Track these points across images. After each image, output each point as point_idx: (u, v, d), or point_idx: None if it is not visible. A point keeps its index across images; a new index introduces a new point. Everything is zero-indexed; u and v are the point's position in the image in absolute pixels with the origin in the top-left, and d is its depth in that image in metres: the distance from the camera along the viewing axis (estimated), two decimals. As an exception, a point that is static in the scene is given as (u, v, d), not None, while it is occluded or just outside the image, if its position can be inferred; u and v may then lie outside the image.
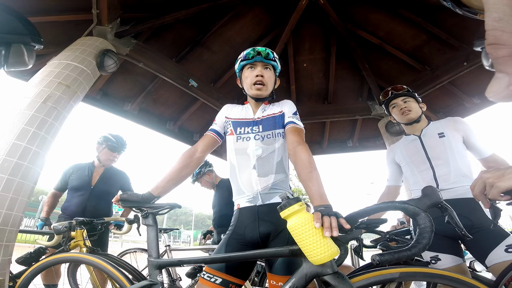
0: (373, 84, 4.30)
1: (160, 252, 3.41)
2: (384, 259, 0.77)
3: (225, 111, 1.46)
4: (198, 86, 3.87)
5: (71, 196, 2.66)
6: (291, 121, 1.29)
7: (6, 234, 1.91)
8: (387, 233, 1.72)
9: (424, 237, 0.75)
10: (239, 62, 1.40)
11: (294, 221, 0.84)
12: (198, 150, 1.37)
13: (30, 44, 0.78)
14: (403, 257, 0.76)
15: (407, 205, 0.81)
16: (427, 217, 0.77)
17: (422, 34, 3.74)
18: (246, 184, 1.24)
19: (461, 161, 1.57)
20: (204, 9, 3.45)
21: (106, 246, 2.68)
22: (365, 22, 3.93)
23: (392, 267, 0.89)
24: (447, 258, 1.46)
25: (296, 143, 1.17)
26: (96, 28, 2.85)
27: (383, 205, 0.86)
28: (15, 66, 0.76)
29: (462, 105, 4.22)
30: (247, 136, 1.31)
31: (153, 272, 1.14)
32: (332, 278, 0.83)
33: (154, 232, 1.22)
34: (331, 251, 0.79)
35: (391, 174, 1.91)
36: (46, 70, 2.45)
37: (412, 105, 1.77)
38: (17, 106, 2.20)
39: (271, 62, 1.37)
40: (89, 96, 3.70)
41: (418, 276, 0.90)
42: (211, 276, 1.11)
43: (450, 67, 3.62)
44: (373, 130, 5.08)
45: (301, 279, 0.86)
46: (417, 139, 1.74)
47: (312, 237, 0.80)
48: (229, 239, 1.20)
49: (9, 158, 2.01)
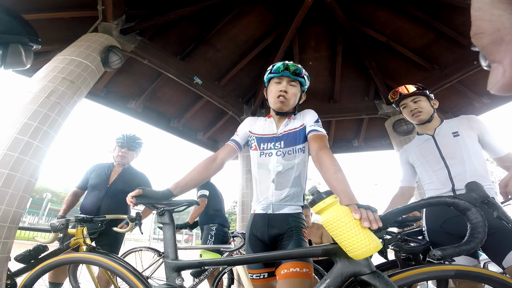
0: (380, 82, 4.24)
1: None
2: (446, 253, 0.75)
3: (249, 125, 1.51)
4: (203, 83, 3.86)
5: (88, 194, 2.69)
6: (313, 129, 1.33)
7: (5, 230, 1.87)
8: (398, 234, 1.68)
9: (479, 231, 0.74)
10: (267, 73, 1.44)
11: (329, 215, 0.78)
12: (218, 157, 1.43)
13: (27, 44, 0.78)
14: (463, 252, 0.74)
15: (457, 200, 0.78)
16: (478, 212, 0.76)
17: (430, 33, 3.67)
18: (263, 194, 1.34)
19: (476, 160, 1.52)
20: (208, 6, 3.44)
21: (118, 246, 2.67)
22: (371, 20, 3.87)
23: (447, 264, 0.87)
24: (462, 259, 1.41)
25: (318, 149, 1.21)
26: (101, 25, 2.85)
27: (432, 200, 0.82)
28: (13, 66, 0.75)
29: (471, 105, 4.14)
30: (270, 152, 1.37)
31: (171, 275, 1.07)
32: (372, 278, 0.78)
33: (171, 231, 1.17)
34: (374, 244, 0.74)
35: (405, 175, 1.87)
36: (51, 65, 2.44)
37: (423, 105, 1.72)
38: (20, 101, 2.18)
39: (298, 78, 1.40)
40: (94, 93, 3.71)
41: (471, 276, 0.87)
42: (258, 274, 1.27)
43: (460, 66, 3.55)
44: (379, 130, 5.01)
45: (337, 279, 0.81)
46: (431, 139, 1.69)
47: (352, 230, 0.75)
48: (249, 239, 1.33)
49: (10, 152, 1.98)
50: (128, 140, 2.84)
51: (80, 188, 2.78)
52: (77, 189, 2.79)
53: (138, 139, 2.91)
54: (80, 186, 2.78)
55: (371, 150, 5.44)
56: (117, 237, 2.60)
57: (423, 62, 3.94)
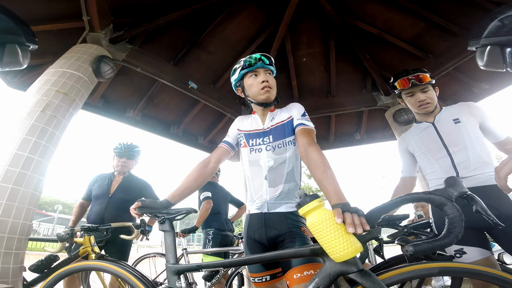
0: (376, 74, 4.21)
1: (178, 256, 3.42)
2: (418, 249, 0.75)
3: (237, 124, 1.52)
4: (198, 87, 3.86)
5: (93, 205, 2.75)
6: (300, 122, 1.32)
7: (15, 242, 1.93)
8: (405, 227, 1.64)
9: (455, 226, 0.74)
10: (238, 71, 1.43)
11: (313, 218, 0.82)
12: (211, 161, 1.43)
13: (24, 44, 0.78)
14: (437, 247, 0.74)
15: (432, 196, 0.79)
16: (455, 207, 0.76)
17: (420, 22, 3.63)
18: (257, 193, 1.32)
19: (479, 147, 1.49)
20: (197, 9, 3.45)
21: (126, 253, 2.71)
22: (362, 12, 3.85)
23: (431, 261, 0.85)
24: (473, 251, 1.35)
25: (306, 145, 1.19)
26: (89, 35, 2.86)
27: (408, 196, 0.83)
28: (9, 66, 0.76)
29: (470, 91, 4.07)
30: (259, 147, 1.37)
31: (172, 278, 1.15)
32: (358, 276, 0.80)
33: (172, 237, 1.24)
34: (354, 247, 0.77)
35: (405, 164, 1.82)
36: (43, 78, 2.47)
37: (431, 95, 1.66)
38: (16, 116, 2.22)
39: (271, 67, 1.43)
40: (91, 104, 3.75)
41: (458, 272, 0.85)
42: (260, 278, 1.24)
43: (453, 54, 3.49)
44: (380, 121, 4.98)
45: (325, 278, 0.84)
46: (431, 126, 1.65)
47: (333, 233, 0.78)
48: (247, 241, 1.31)
49: (12, 168, 2.03)
50: (126, 149, 2.88)
51: (85, 199, 2.86)
52: (83, 200, 2.87)
53: (135, 147, 2.95)
54: (85, 197, 2.86)
55: (374, 142, 5.38)
56: (125, 244, 2.66)
57: (417, 51, 3.90)
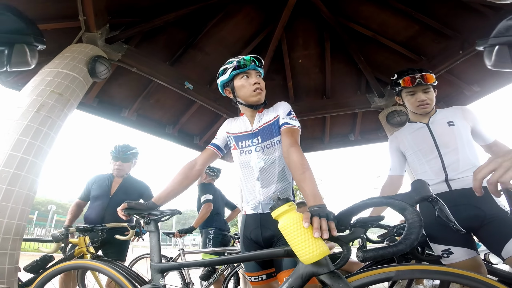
0: (370, 76, 4.25)
1: (174, 256, 3.45)
2: (367, 255, 0.76)
3: (226, 127, 1.54)
4: (194, 88, 3.85)
5: (91, 205, 2.76)
6: (285, 122, 1.33)
7: (10, 242, 1.92)
8: (394, 227, 1.68)
9: (412, 232, 0.73)
10: (229, 71, 1.42)
11: (283, 221, 0.85)
12: (198, 163, 1.45)
13: (32, 44, 0.78)
14: (388, 254, 0.74)
15: (392, 200, 0.79)
16: (414, 212, 0.75)
17: (414, 25, 3.68)
18: (250, 194, 1.34)
19: (470, 150, 1.53)
20: (194, 10, 3.44)
21: (123, 254, 2.72)
22: (357, 14, 3.88)
23: (388, 265, 0.86)
24: (460, 251, 1.39)
25: (288, 145, 1.21)
26: (85, 35, 2.84)
27: (369, 201, 0.85)
28: (18, 66, 0.76)
29: (462, 94, 4.15)
30: (249, 149, 1.39)
31: (155, 276, 1.19)
32: (328, 278, 0.83)
33: (156, 237, 1.28)
34: (320, 250, 0.79)
35: (394, 163, 1.83)
36: (38, 79, 2.44)
37: (431, 96, 1.67)
38: (11, 117, 2.20)
39: (261, 69, 1.45)
40: (85, 103, 3.71)
41: (416, 273, 0.87)
42: (256, 277, 1.28)
43: (446, 56, 3.55)
44: (374, 123, 5.02)
45: (298, 279, 0.87)
46: (425, 127, 1.68)
47: (300, 237, 0.80)
48: (244, 241, 1.35)
49: (6, 168, 2.02)
50: (120, 152, 2.87)
51: (83, 199, 2.86)
52: (79, 200, 2.86)
53: (131, 149, 2.93)
54: (82, 197, 2.85)
55: (367, 143, 5.45)
56: (122, 245, 2.68)
57: (411, 54, 3.95)
